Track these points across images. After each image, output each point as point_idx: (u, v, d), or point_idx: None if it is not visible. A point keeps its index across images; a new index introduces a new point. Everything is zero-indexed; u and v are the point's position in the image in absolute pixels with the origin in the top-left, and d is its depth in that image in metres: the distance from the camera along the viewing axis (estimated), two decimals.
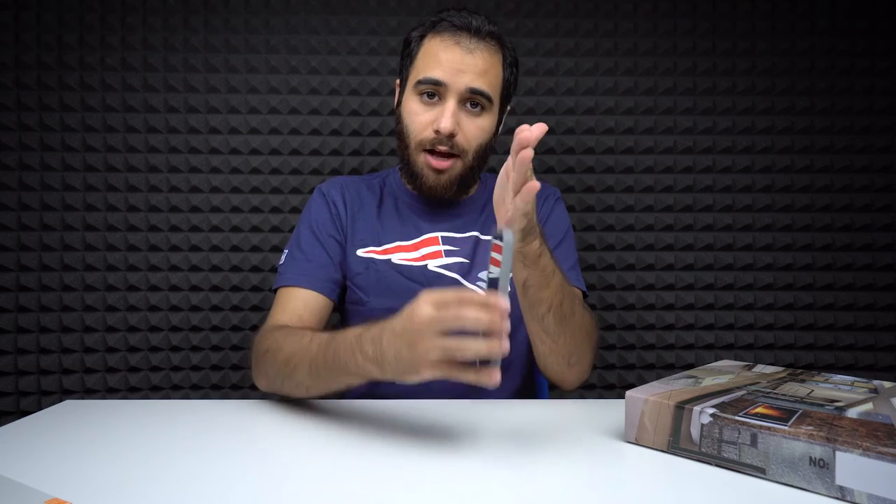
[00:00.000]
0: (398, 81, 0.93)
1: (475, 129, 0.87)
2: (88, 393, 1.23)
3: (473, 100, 0.85)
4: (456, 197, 0.93)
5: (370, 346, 0.60)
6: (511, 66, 0.91)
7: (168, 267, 1.25)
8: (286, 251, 0.93)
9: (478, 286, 0.90)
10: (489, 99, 0.86)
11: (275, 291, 0.90)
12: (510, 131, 1.28)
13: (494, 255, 0.59)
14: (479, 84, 0.84)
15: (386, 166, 1.26)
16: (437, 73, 0.84)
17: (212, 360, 1.26)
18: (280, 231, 1.27)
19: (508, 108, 0.95)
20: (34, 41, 1.22)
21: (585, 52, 1.29)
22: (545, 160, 1.29)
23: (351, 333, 0.64)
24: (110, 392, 1.24)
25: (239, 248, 1.26)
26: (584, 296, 0.93)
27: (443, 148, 0.86)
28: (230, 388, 1.27)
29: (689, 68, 1.30)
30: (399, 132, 0.90)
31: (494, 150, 0.94)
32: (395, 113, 0.93)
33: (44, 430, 0.67)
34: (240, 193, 1.26)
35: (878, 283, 1.28)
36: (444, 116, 0.83)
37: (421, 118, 0.86)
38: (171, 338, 1.25)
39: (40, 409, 1.02)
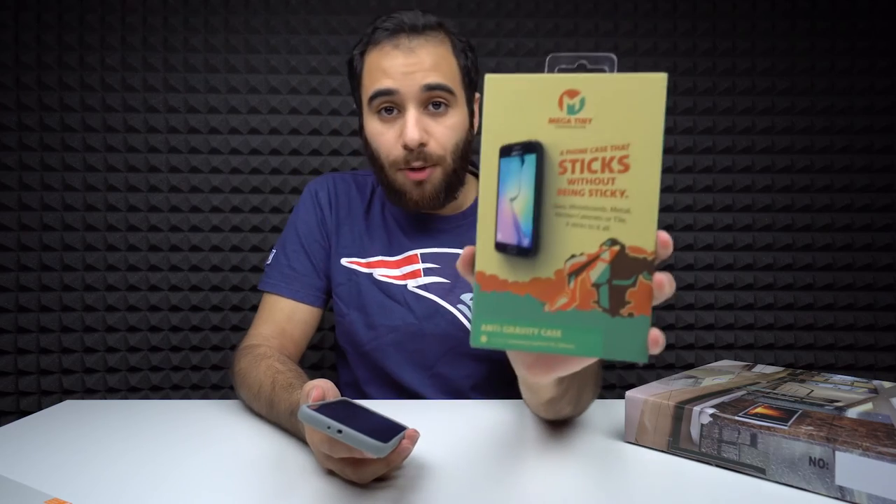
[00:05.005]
0: (356, 106, 0.88)
1: (445, 130, 0.80)
2: (88, 393, 1.23)
3: (434, 98, 0.78)
4: (445, 208, 0.88)
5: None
6: (464, 52, 0.82)
7: (168, 267, 1.25)
8: (274, 250, 0.92)
9: (458, 309, 0.86)
10: (450, 91, 0.78)
11: (257, 291, 0.90)
12: None
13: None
14: (434, 78, 0.77)
15: None
16: (385, 83, 0.77)
17: (212, 360, 1.26)
18: (280, 231, 1.27)
19: (476, 96, 0.87)
20: (34, 41, 1.22)
21: None
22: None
23: (287, 402, 0.63)
24: (110, 392, 1.24)
25: (239, 248, 1.26)
26: None
27: (417, 164, 0.79)
28: (230, 388, 1.27)
29: (689, 68, 1.30)
30: (369, 157, 0.84)
31: (475, 150, 0.89)
32: (361, 138, 0.87)
33: (44, 430, 0.68)
34: (240, 193, 1.26)
35: (878, 283, 1.28)
36: (408, 127, 0.77)
37: (386, 137, 0.80)
38: (171, 338, 1.25)
39: (40, 409, 1.03)
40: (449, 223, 0.90)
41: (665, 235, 0.35)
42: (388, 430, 0.49)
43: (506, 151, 0.36)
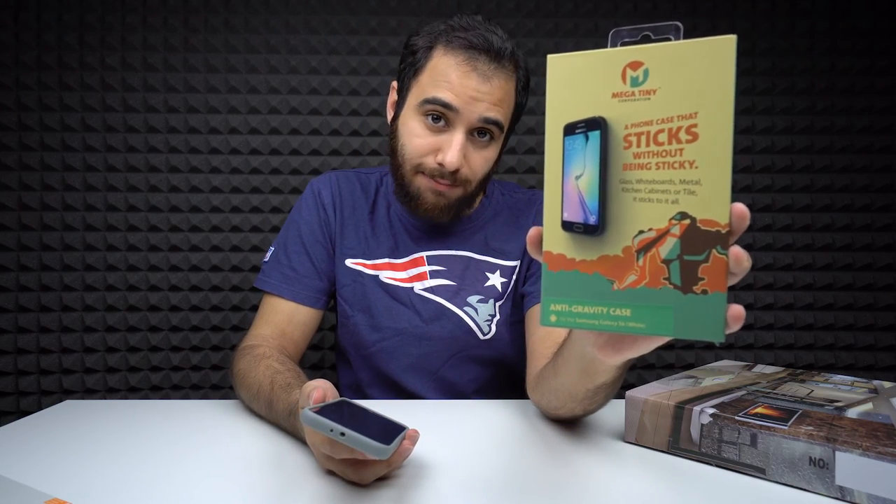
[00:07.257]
0: (395, 85, 0.85)
1: (481, 160, 0.79)
2: (88, 393, 1.23)
3: (483, 129, 0.77)
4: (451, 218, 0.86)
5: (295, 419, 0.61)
6: (523, 90, 0.82)
7: (168, 267, 1.25)
8: (272, 248, 0.90)
9: (465, 312, 0.86)
10: (501, 128, 0.78)
11: (257, 291, 0.88)
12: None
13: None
14: (494, 114, 0.76)
15: (386, 164, 1.26)
16: (447, 97, 0.74)
17: (212, 360, 1.26)
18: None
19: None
20: (34, 41, 1.22)
21: None
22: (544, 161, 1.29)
23: (286, 402, 0.63)
24: (110, 392, 1.24)
25: (239, 248, 1.26)
26: None
27: (444, 182, 0.78)
28: (230, 388, 1.27)
29: None
30: (394, 148, 0.82)
31: (496, 171, 0.88)
32: (391, 125, 0.84)
33: (44, 430, 0.67)
34: (240, 193, 1.26)
35: (878, 283, 1.28)
36: (452, 150, 0.75)
37: (422, 141, 0.77)
38: (171, 338, 1.25)
39: (40, 409, 1.02)
40: (454, 226, 0.89)
41: (741, 206, 0.33)
42: (389, 430, 0.49)
43: (569, 130, 0.36)
